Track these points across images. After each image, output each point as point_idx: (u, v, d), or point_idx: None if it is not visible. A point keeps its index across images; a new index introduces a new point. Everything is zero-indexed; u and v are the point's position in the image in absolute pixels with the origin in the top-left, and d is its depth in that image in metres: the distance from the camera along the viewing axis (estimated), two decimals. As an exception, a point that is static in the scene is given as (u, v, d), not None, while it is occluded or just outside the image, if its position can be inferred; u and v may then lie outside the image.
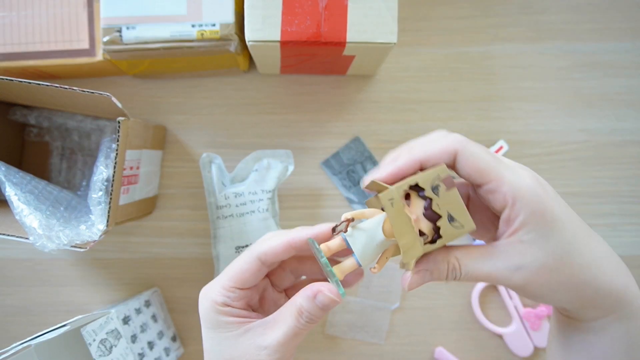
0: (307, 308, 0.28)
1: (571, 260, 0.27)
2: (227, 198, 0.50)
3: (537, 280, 0.27)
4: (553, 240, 0.27)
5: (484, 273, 0.28)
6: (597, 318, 0.29)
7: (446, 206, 0.26)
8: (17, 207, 0.42)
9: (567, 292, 0.28)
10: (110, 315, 0.43)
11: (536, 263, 0.27)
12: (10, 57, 0.48)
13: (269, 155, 0.51)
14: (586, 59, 0.55)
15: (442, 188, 0.26)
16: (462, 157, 0.28)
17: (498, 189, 0.27)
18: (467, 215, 0.27)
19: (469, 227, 0.27)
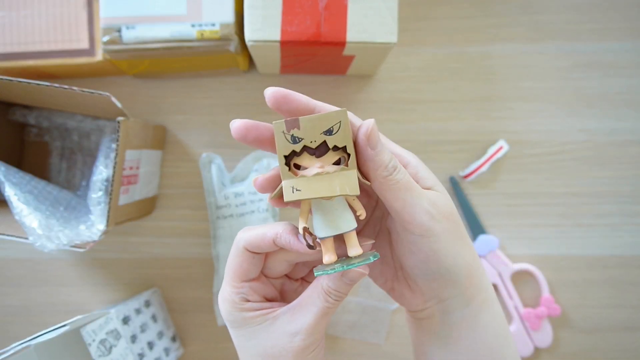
0: (335, 286, 0.27)
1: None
2: (227, 198, 0.50)
3: (447, 225, 0.27)
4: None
5: (413, 193, 0.26)
6: (476, 295, 0.29)
7: (314, 134, 0.25)
8: (17, 207, 0.42)
9: (460, 247, 0.28)
10: (110, 315, 0.43)
11: (449, 205, 0.27)
12: (10, 57, 0.48)
13: (269, 155, 0.51)
14: (586, 59, 0.55)
15: (296, 132, 0.25)
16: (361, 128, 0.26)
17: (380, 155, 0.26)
18: (330, 115, 0.25)
19: (343, 116, 0.25)
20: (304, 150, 0.25)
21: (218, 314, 0.52)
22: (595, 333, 0.54)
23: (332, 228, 0.26)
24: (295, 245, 0.27)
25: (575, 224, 0.54)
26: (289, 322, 0.28)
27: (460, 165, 0.54)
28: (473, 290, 0.29)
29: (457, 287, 0.29)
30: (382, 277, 0.32)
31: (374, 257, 0.26)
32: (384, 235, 0.32)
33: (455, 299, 0.29)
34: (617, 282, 0.54)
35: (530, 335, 0.53)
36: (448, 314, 0.30)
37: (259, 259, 0.30)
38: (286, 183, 0.25)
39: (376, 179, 0.26)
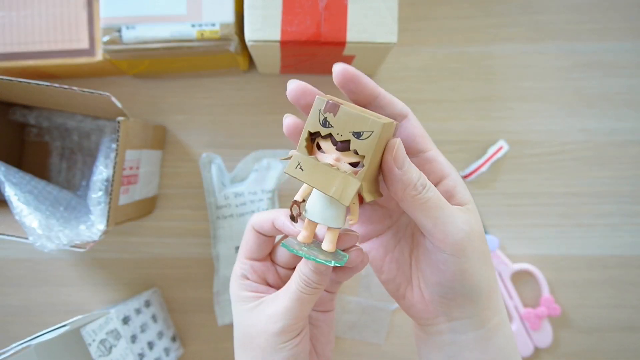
0: (304, 272, 0.28)
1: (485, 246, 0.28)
2: (227, 198, 0.50)
3: (476, 246, 0.27)
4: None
5: (445, 211, 0.26)
6: (490, 318, 0.29)
7: (345, 129, 0.24)
8: (17, 207, 0.42)
9: (485, 267, 0.28)
10: (110, 315, 0.43)
11: (479, 229, 0.27)
12: (10, 57, 0.48)
13: (269, 155, 0.51)
14: (586, 59, 0.55)
15: (330, 117, 0.25)
16: (412, 122, 0.29)
17: (437, 158, 0.29)
18: (367, 120, 0.24)
19: (377, 128, 0.24)
20: (329, 137, 0.25)
21: (218, 314, 0.52)
22: (595, 333, 0.54)
23: (319, 216, 0.26)
24: (287, 227, 0.28)
25: (575, 224, 0.54)
26: (269, 305, 0.29)
27: (460, 165, 0.54)
28: (489, 312, 0.28)
29: (475, 308, 0.28)
30: (394, 284, 0.31)
31: (338, 262, 0.26)
32: (406, 242, 0.31)
33: (470, 320, 0.28)
34: (617, 282, 0.54)
35: (530, 335, 0.53)
36: (459, 334, 0.29)
37: (265, 241, 0.31)
38: (296, 156, 0.25)
39: (405, 198, 0.25)
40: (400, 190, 0.25)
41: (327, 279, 0.28)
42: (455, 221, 0.26)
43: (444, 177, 0.28)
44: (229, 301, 0.51)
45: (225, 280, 0.51)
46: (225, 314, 0.51)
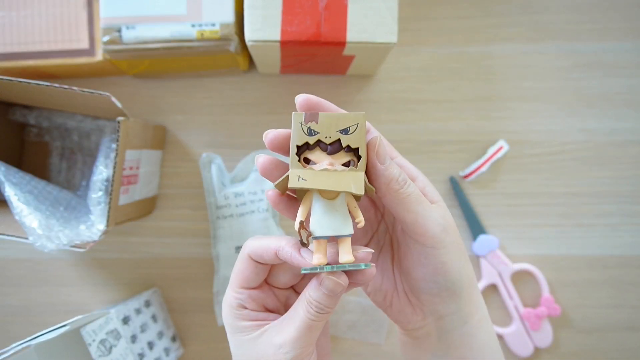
0: (315, 297, 0.27)
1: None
2: (227, 198, 0.50)
3: (455, 240, 0.29)
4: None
5: (424, 206, 0.28)
6: (475, 311, 0.30)
7: (331, 130, 0.26)
8: (17, 207, 0.42)
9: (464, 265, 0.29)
10: (110, 315, 0.43)
11: (454, 227, 0.29)
12: (10, 57, 0.48)
13: (268, 155, 0.51)
14: (586, 59, 0.55)
15: (313, 125, 0.26)
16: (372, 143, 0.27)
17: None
18: (349, 116, 0.26)
19: (360, 119, 0.26)
20: (317, 144, 0.26)
21: (218, 314, 0.52)
22: (595, 333, 0.54)
23: (329, 228, 0.25)
24: (296, 259, 0.26)
25: (575, 224, 0.54)
26: (276, 334, 0.28)
27: (460, 165, 0.54)
28: (471, 307, 0.29)
29: (458, 302, 0.29)
30: (381, 293, 0.32)
31: (366, 265, 0.26)
32: (386, 250, 0.32)
33: (454, 316, 0.29)
34: (617, 282, 0.54)
35: (530, 335, 0.53)
36: (446, 333, 0.30)
37: (262, 269, 0.30)
38: (293, 171, 0.25)
39: (388, 192, 0.26)
40: (383, 185, 0.26)
41: (338, 301, 0.27)
42: (433, 215, 0.27)
43: (414, 179, 0.29)
44: (229, 301, 0.51)
45: (225, 280, 0.51)
46: (225, 314, 0.51)
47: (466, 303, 0.29)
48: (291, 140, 0.26)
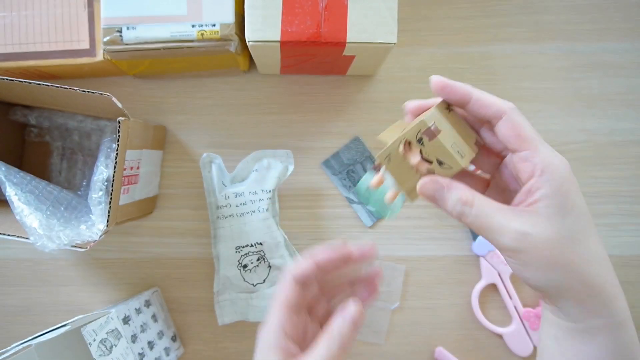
0: (338, 327, 0.29)
1: (575, 247, 0.28)
2: (227, 198, 0.50)
3: (538, 252, 0.28)
4: (568, 222, 0.28)
5: (493, 223, 0.29)
6: (583, 319, 0.29)
7: (433, 153, 0.31)
8: (18, 207, 0.42)
9: (559, 274, 0.28)
10: (111, 315, 0.44)
11: (543, 235, 0.28)
12: (11, 57, 0.48)
13: (269, 155, 0.51)
14: (586, 59, 0.55)
15: (425, 139, 0.31)
16: (506, 123, 0.30)
17: (531, 159, 0.29)
18: (453, 158, 0.30)
19: (456, 167, 0.31)
20: (421, 151, 0.31)
21: (218, 314, 0.52)
22: (595, 333, 0.54)
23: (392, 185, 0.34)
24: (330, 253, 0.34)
25: (575, 224, 0.54)
26: None
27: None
28: (594, 307, 0.29)
29: (568, 304, 0.29)
30: None
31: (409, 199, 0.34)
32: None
33: (576, 311, 0.29)
34: (617, 282, 0.54)
35: (530, 335, 0.53)
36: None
37: (302, 298, 0.33)
38: (391, 146, 0.32)
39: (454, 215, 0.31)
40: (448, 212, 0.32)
41: (357, 334, 0.30)
42: (504, 235, 0.29)
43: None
44: (229, 301, 0.51)
45: (225, 280, 0.51)
46: (226, 314, 0.51)
47: (580, 303, 0.29)
48: (405, 131, 0.32)
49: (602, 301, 0.29)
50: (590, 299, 0.29)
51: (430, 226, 0.54)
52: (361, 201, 0.32)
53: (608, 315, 0.29)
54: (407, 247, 0.54)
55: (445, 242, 0.54)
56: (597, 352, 0.29)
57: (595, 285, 0.29)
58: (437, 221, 0.54)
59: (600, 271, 0.29)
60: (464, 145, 0.32)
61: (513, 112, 0.31)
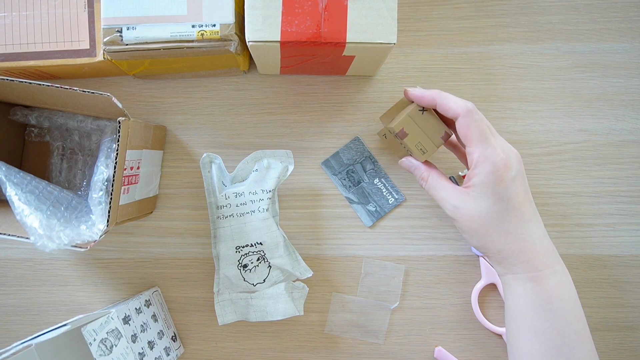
0: None
1: (493, 223, 0.40)
2: (227, 198, 0.50)
3: (465, 222, 0.41)
4: (489, 204, 0.39)
5: (439, 196, 0.43)
6: (503, 273, 0.42)
7: (406, 146, 0.45)
8: (18, 207, 0.42)
9: (479, 240, 0.41)
10: (111, 314, 0.44)
11: (468, 211, 0.40)
12: (11, 57, 0.48)
13: (269, 155, 0.51)
14: (585, 59, 0.55)
15: (398, 137, 0.45)
16: (458, 124, 0.40)
17: (471, 154, 0.40)
18: (416, 154, 0.45)
19: (421, 159, 0.45)
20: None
21: (219, 314, 0.52)
22: (594, 332, 0.54)
23: None
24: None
25: (574, 224, 0.54)
26: None
27: (459, 165, 0.54)
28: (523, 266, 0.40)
29: (491, 262, 0.43)
30: None
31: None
32: None
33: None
34: (616, 282, 0.54)
35: (529, 335, 0.53)
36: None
37: None
38: (386, 128, 0.48)
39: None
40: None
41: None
42: (445, 205, 0.43)
43: (470, 167, 0.41)
44: (229, 301, 0.52)
45: (225, 280, 0.51)
46: (226, 314, 0.51)
47: (513, 264, 0.41)
48: (393, 123, 0.45)
49: (514, 262, 0.40)
50: (505, 260, 0.40)
51: (430, 226, 0.54)
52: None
53: (520, 271, 0.40)
54: (407, 247, 0.54)
55: (445, 242, 0.54)
56: (513, 297, 0.41)
57: (507, 251, 0.40)
58: (437, 221, 0.54)
59: (515, 242, 0.40)
60: (427, 142, 0.44)
61: (466, 115, 0.39)
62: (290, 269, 0.50)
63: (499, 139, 0.41)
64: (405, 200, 0.54)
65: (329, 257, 0.54)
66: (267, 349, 0.54)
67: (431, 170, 0.44)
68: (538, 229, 0.41)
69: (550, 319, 0.39)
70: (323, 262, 0.54)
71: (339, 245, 0.54)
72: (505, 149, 0.40)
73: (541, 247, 0.40)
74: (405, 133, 0.44)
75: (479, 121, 0.39)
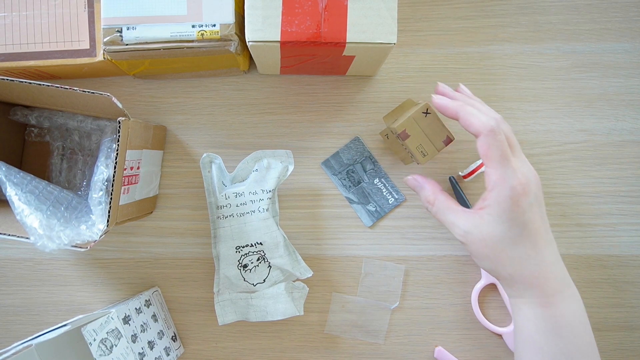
0: None
1: (506, 248, 0.38)
2: (228, 198, 0.50)
3: (476, 247, 0.39)
4: (503, 229, 0.38)
5: (447, 220, 0.41)
6: (513, 297, 0.41)
7: (408, 147, 0.45)
8: (18, 207, 0.42)
9: (490, 264, 0.39)
10: (111, 314, 0.44)
11: (480, 235, 0.38)
12: (11, 57, 0.48)
13: (269, 155, 0.51)
14: (585, 59, 0.55)
15: (400, 138, 0.45)
16: (480, 143, 0.38)
17: (489, 174, 0.38)
18: (417, 156, 0.45)
19: (422, 162, 0.45)
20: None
21: (219, 314, 0.52)
22: (594, 332, 0.54)
23: None
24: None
25: (574, 224, 0.54)
26: None
27: (459, 165, 0.54)
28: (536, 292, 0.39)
29: (503, 285, 0.42)
30: None
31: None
32: None
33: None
34: (615, 282, 0.54)
35: (529, 335, 0.53)
36: None
37: None
38: (388, 129, 0.51)
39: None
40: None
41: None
42: (455, 230, 0.41)
43: (487, 189, 0.39)
44: (229, 301, 0.52)
45: (225, 280, 0.51)
46: (226, 314, 0.51)
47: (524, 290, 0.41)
48: (396, 124, 0.45)
49: (525, 287, 0.39)
50: (516, 285, 0.39)
51: (430, 226, 0.54)
52: None
53: (531, 296, 0.39)
54: (407, 247, 0.54)
55: (445, 242, 0.54)
56: (523, 321, 0.40)
57: (519, 276, 0.39)
58: (436, 221, 0.54)
59: (527, 268, 0.38)
60: (429, 145, 0.44)
61: (488, 135, 0.37)
62: (290, 269, 0.50)
63: (520, 161, 0.39)
64: (405, 200, 0.54)
65: (329, 257, 0.54)
66: (267, 349, 0.54)
67: (438, 193, 0.42)
68: (551, 255, 0.40)
69: (560, 344, 0.39)
70: (323, 262, 0.54)
71: (339, 245, 0.54)
72: (525, 173, 0.38)
73: (553, 273, 0.39)
74: (407, 134, 0.44)
75: (500, 142, 0.37)
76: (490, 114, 0.39)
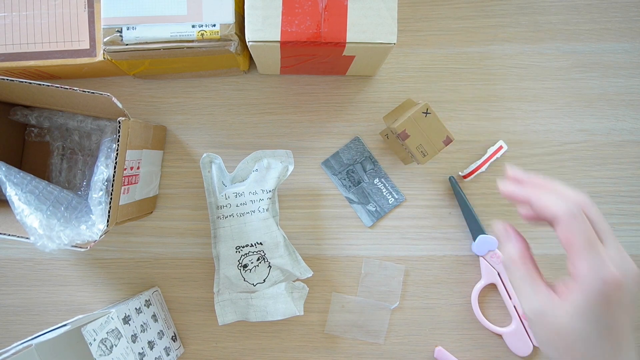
0: None
1: (577, 345, 0.32)
2: (228, 198, 0.50)
3: (545, 331, 0.33)
4: (582, 326, 0.32)
5: (523, 289, 0.35)
6: None
7: (408, 147, 0.46)
8: (18, 207, 0.42)
9: (555, 353, 0.34)
10: (111, 314, 0.44)
11: (556, 322, 0.33)
12: (11, 57, 0.48)
13: (269, 155, 0.51)
14: (585, 59, 0.55)
15: (400, 138, 0.46)
16: (559, 230, 0.33)
17: (575, 266, 0.32)
18: (417, 156, 0.46)
19: (421, 162, 0.46)
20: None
21: (219, 314, 0.52)
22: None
23: None
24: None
25: (574, 224, 0.54)
26: None
27: (459, 165, 0.54)
28: None
29: None
30: None
31: None
32: None
33: None
34: (616, 282, 0.54)
35: (529, 335, 0.53)
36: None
37: None
38: (388, 129, 0.52)
39: None
40: None
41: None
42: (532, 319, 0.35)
43: (571, 276, 0.33)
44: (229, 301, 0.52)
45: (225, 280, 0.51)
46: (226, 314, 0.51)
47: None
48: (395, 123, 0.46)
49: None
50: None
51: (430, 226, 0.54)
52: None
53: None
54: (407, 247, 0.54)
55: (445, 242, 0.54)
56: None
57: None
58: (437, 221, 0.54)
59: None
60: (429, 145, 0.45)
61: (568, 221, 0.32)
62: (290, 269, 0.50)
63: (613, 248, 0.33)
64: (405, 200, 0.54)
65: (329, 257, 0.54)
66: (267, 349, 0.54)
67: (526, 255, 0.36)
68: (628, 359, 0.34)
69: None
70: (323, 262, 0.54)
71: (339, 245, 0.54)
72: (618, 264, 0.32)
73: None
74: (407, 134, 0.44)
75: (583, 227, 0.32)
76: (571, 196, 0.34)
